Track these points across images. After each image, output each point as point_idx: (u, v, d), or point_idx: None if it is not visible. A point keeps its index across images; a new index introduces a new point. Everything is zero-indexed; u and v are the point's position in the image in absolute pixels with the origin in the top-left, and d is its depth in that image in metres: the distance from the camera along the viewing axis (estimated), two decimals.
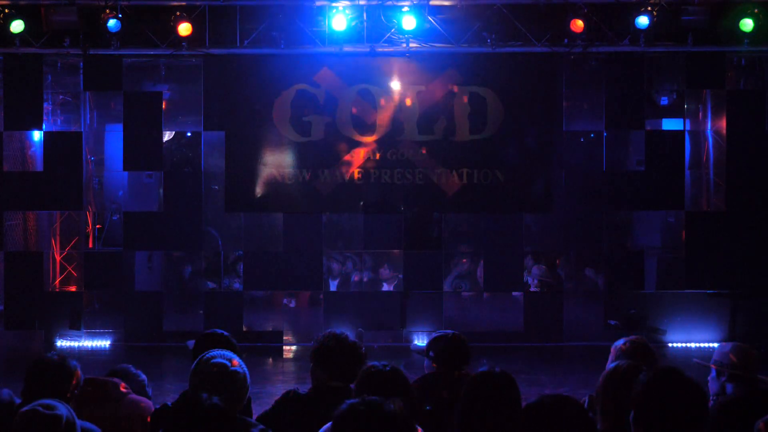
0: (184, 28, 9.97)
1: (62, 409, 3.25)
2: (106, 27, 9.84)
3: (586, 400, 4.01)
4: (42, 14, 9.91)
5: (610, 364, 4.03)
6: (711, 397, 4.41)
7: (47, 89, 10.75)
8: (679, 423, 3.15)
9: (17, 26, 9.93)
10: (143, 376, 4.67)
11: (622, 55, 10.42)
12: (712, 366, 4.50)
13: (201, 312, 10.54)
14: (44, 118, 10.67)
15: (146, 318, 10.42)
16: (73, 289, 11.13)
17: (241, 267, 10.94)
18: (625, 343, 4.49)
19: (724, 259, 10.33)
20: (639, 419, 3.19)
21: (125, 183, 11.51)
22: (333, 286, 11.20)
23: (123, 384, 4.46)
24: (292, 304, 11.72)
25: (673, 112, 11.14)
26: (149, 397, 4.58)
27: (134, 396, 4.47)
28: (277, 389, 7.61)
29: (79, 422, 3.33)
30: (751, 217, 10.37)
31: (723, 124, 10.77)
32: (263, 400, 6.65)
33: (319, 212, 10.64)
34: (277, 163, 10.61)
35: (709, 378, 4.48)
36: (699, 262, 10.45)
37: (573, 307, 10.57)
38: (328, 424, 3.61)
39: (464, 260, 11.49)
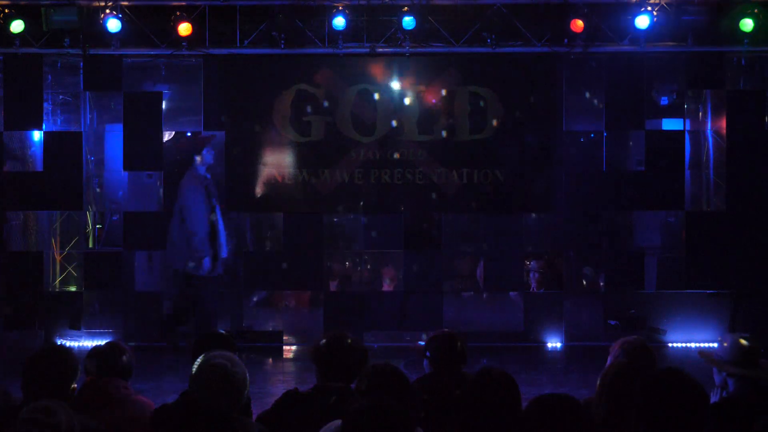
0: (184, 28, 9.97)
1: (61, 415, 3.24)
2: (106, 27, 9.84)
3: None
4: (42, 14, 9.91)
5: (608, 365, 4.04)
6: (714, 390, 4.43)
7: (47, 89, 10.74)
8: (679, 423, 3.15)
9: (17, 26, 9.93)
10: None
11: (622, 55, 10.42)
12: (714, 364, 4.50)
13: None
14: (44, 118, 10.67)
15: (146, 318, 10.42)
16: (73, 289, 11.13)
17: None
18: (624, 344, 4.50)
19: (724, 259, 10.33)
20: (640, 419, 3.20)
21: (125, 183, 11.50)
22: (333, 286, 11.19)
23: (125, 385, 4.47)
24: (292, 304, 11.71)
25: (673, 112, 11.13)
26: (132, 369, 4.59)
27: (136, 397, 4.48)
28: (277, 389, 7.61)
29: (78, 423, 3.33)
30: (751, 217, 10.37)
31: (723, 124, 10.76)
32: (263, 400, 6.66)
33: (319, 212, 10.64)
34: (277, 163, 10.61)
35: (714, 368, 4.50)
36: (699, 262, 10.45)
37: (573, 307, 10.57)
38: (329, 424, 3.61)
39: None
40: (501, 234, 10.65)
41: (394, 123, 10.58)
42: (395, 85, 10.67)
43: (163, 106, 10.66)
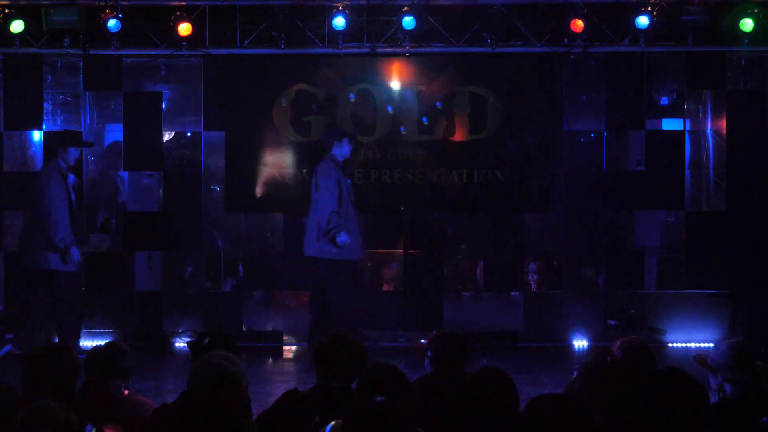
0: (184, 28, 9.97)
1: (60, 414, 3.25)
2: (106, 27, 9.83)
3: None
4: (42, 14, 9.91)
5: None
6: (711, 393, 4.44)
7: (47, 89, 10.73)
8: (679, 422, 3.15)
9: (17, 26, 9.93)
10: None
11: (622, 55, 10.42)
12: (709, 369, 4.50)
13: (201, 312, 10.52)
14: (44, 118, 10.66)
15: (146, 318, 10.41)
16: None
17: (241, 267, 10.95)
18: (624, 343, 4.51)
19: (724, 259, 10.31)
20: (640, 418, 3.20)
21: (125, 183, 11.48)
22: None
23: (125, 385, 4.47)
24: (293, 304, 11.69)
25: (673, 112, 11.12)
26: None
27: (135, 397, 4.48)
28: (277, 389, 7.61)
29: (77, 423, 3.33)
30: (751, 217, 10.37)
31: (723, 124, 10.76)
32: (263, 400, 6.65)
33: None
34: (277, 163, 10.61)
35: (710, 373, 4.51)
36: (699, 262, 10.44)
37: (573, 307, 10.56)
38: (329, 424, 3.61)
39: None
40: (501, 234, 10.64)
41: (394, 123, 10.59)
42: (395, 85, 10.67)
43: (163, 106, 10.66)
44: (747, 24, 9.87)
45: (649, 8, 9.87)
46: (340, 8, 9.94)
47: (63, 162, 9.42)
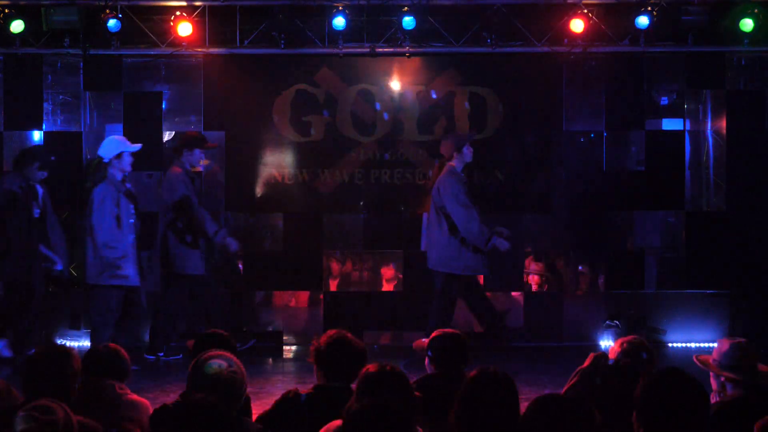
0: (184, 28, 9.97)
1: (59, 413, 3.24)
2: (106, 27, 9.84)
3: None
4: (42, 14, 9.91)
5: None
6: (714, 393, 4.44)
7: (47, 89, 10.73)
8: (680, 422, 3.15)
9: (17, 26, 9.93)
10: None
11: (622, 55, 10.42)
12: (711, 369, 4.50)
13: (201, 312, 10.50)
14: (44, 118, 10.67)
15: (146, 318, 10.39)
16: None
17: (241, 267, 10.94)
18: (624, 343, 4.51)
19: (724, 259, 10.32)
20: (641, 418, 3.20)
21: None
22: (333, 286, 11.18)
23: (120, 385, 4.47)
24: (293, 304, 11.69)
25: (673, 112, 11.11)
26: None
27: (133, 396, 4.48)
28: (277, 389, 7.61)
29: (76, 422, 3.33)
30: (751, 217, 10.37)
31: (723, 124, 10.76)
32: (263, 400, 6.66)
33: (319, 212, 10.63)
34: (277, 163, 10.61)
35: (711, 373, 4.51)
36: (699, 262, 10.44)
37: (573, 307, 10.56)
38: (329, 424, 3.61)
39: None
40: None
41: (394, 123, 10.59)
42: (395, 85, 10.67)
43: (163, 106, 10.66)
44: (747, 24, 9.87)
45: (649, 8, 9.87)
46: (340, 8, 9.94)
47: (188, 164, 9.42)
